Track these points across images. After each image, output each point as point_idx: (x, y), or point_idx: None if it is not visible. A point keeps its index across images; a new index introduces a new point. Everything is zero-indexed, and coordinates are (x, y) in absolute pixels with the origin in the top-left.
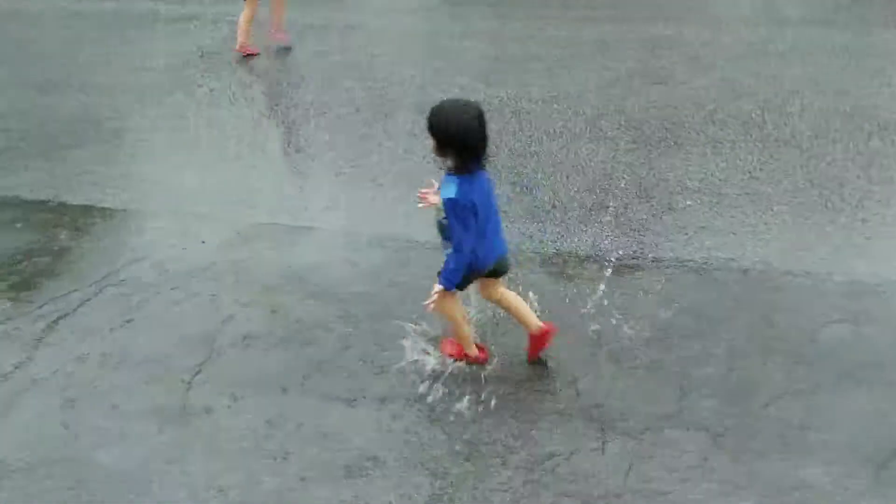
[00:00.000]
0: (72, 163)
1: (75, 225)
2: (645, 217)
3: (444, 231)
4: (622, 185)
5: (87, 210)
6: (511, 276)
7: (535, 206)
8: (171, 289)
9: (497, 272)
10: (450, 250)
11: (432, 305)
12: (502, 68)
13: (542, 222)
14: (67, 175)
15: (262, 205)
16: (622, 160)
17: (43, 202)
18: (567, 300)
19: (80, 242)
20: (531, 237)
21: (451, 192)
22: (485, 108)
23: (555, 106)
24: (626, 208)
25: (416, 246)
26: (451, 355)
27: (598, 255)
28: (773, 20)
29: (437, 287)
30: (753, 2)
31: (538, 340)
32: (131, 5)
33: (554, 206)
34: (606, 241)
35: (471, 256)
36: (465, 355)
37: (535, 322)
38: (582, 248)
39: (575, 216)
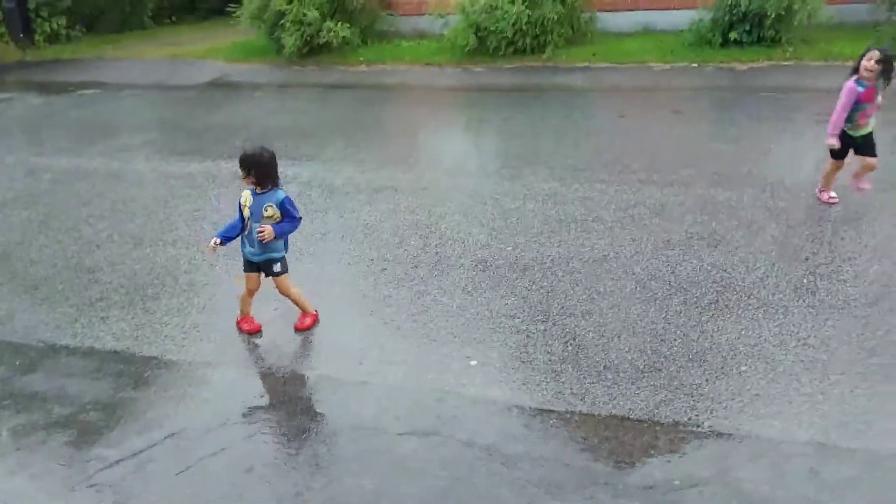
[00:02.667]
0: (152, 314)
1: (143, 376)
2: (698, 382)
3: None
4: (674, 348)
5: (156, 361)
6: (564, 436)
7: (588, 367)
8: (221, 443)
9: (259, 268)
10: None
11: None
12: (561, 228)
13: (594, 382)
14: (146, 326)
15: (319, 358)
16: (673, 322)
17: (118, 352)
18: (621, 464)
19: (145, 393)
20: (583, 398)
21: (283, 194)
22: (539, 267)
23: (606, 266)
24: (678, 371)
25: (467, 402)
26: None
27: (651, 420)
28: (837, 185)
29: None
30: (818, 166)
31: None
32: (219, 166)
33: (606, 367)
34: (661, 406)
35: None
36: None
37: (244, 310)
38: (635, 411)
39: (627, 377)
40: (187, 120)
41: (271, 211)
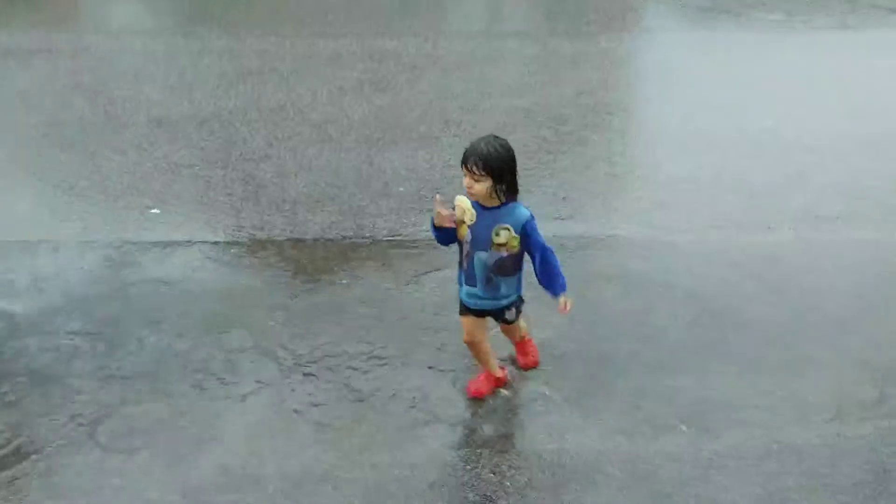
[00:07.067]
0: None
1: None
2: (364, 203)
3: (497, 269)
4: (345, 180)
5: None
6: (247, 262)
7: (267, 203)
8: None
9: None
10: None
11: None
12: (237, 81)
13: (272, 215)
14: None
15: None
16: (346, 158)
17: None
18: (304, 276)
19: None
20: (263, 228)
21: (526, 212)
22: (217, 119)
23: (283, 114)
24: (348, 197)
25: (150, 247)
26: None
27: (324, 238)
28: (481, 34)
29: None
30: (467, 18)
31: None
32: None
33: (284, 201)
34: (332, 227)
35: None
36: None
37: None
38: (310, 232)
39: (304, 208)
40: None
41: (505, 237)
